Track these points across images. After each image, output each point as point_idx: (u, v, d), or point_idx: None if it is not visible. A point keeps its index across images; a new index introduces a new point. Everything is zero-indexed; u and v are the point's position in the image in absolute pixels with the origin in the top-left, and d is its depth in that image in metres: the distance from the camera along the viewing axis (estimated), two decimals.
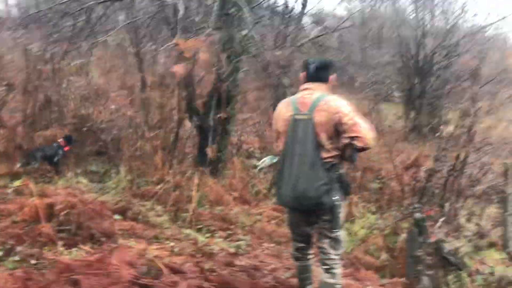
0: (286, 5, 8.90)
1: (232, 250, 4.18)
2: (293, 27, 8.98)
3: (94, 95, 9.29)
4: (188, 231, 4.61)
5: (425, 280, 4.98)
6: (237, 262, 3.71)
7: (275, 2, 8.94)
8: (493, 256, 6.05)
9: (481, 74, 14.14)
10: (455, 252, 5.63)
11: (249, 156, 11.56)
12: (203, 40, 5.53)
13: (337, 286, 2.96)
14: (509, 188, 6.27)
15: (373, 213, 7.34)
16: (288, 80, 10.43)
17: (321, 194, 2.82)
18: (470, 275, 5.44)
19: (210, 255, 3.75)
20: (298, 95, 3.04)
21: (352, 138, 2.83)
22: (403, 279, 4.55)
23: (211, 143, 7.55)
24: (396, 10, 14.96)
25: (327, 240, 2.99)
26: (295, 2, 10.34)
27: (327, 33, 9.34)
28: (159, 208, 5.38)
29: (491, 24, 16.26)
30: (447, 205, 6.10)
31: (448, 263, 5.31)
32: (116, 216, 4.49)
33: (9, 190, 4.99)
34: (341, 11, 12.80)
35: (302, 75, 3.11)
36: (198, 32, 6.46)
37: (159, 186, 6.00)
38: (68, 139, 7.16)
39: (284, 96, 10.64)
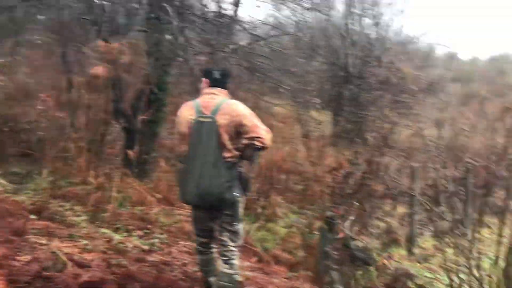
0: (218, 13, 9.04)
1: (146, 247, 4.32)
2: (224, 34, 9.14)
3: (20, 94, 9.06)
4: (105, 230, 4.69)
5: (334, 274, 5.36)
6: (149, 258, 3.87)
7: (206, 11, 9.01)
8: (400, 253, 6.55)
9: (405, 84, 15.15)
10: (365, 248, 6.08)
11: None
12: (126, 43, 5.57)
13: (235, 276, 3.19)
14: (415, 189, 6.83)
15: (295, 213, 7.70)
16: None
17: (223, 191, 3.09)
18: (377, 269, 5.88)
19: (121, 252, 3.88)
20: (201, 99, 3.30)
21: (252, 138, 3.14)
22: (308, 273, 4.85)
23: (137, 145, 7.63)
24: (326, 20, 15.61)
25: (227, 233, 3.24)
26: (226, 10, 10.45)
27: (257, 40, 9.61)
28: (78, 208, 5.41)
29: (416, 38, 17.41)
30: (359, 204, 6.53)
31: (355, 258, 5.73)
32: (32, 216, 4.50)
33: None
34: (274, 20, 13.15)
35: (204, 81, 3.36)
36: (123, 34, 6.49)
37: (80, 187, 6.02)
38: None
39: None
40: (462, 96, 17.48)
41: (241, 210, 3.32)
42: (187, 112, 3.25)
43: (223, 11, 9.41)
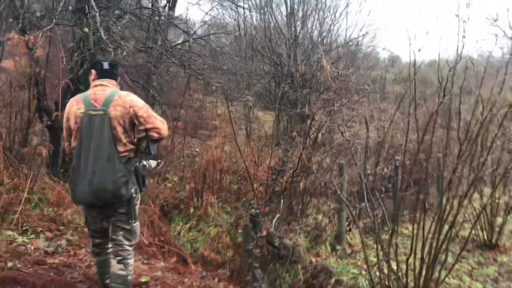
0: (153, 10, 8.83)
1: (50, 249, 4.09)
2: (160, 32, 8.94)
3: None
4: (10, 232, 4.41)
5: (257, 272, 5.31)
6: (50, 261, 3.66)
7: (138, 7, 8.79)
8: (328, 250, 6.60)
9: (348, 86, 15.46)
10: (292, 246, 6.08)
11: None
12: (39, 36, 5.29)
13: (128, 277, 3.05)
14: (343, 185, 6.90)
15: (227, 213, 7.61)
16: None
17: (119, 186, 2.95)
18: (304, 267, 5.89)
19: (20, 255, 3.64)
20: (89, 92, 3.12)
21: (148, 129, 3.03)
22: (226, 271, 4.78)
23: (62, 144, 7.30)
24: (268, 21, 15.67)
25: (121, 232, 3.09)
26: (163, 8, 10.24)
27: (194, 39, 9.48)
28: None
29: (355, 39, 17.76)
30: (286, 202, 6.54)
31: (281, 256, 5.72)
32: None
33: None
34: (211, 19, 13.04)
35: (93, 72, 3.18)
36: (40, 27, 6.17)
37: None
38: None
39: (153, 97, 10.66)
40: (397, 96, 18.02)
41: (137, 207, 3.16)
42: (75, 106, 3.08)
43: (157, 9, 9.25)
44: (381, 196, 7.21)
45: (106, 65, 3.18)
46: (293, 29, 16.30)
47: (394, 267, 5.14)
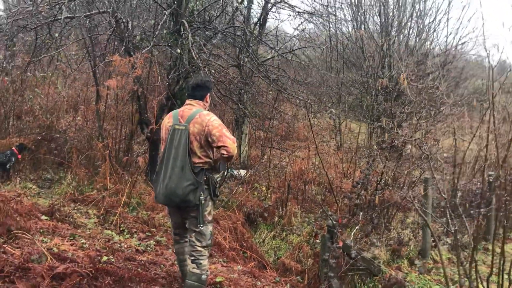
0: (244, 29, 9.34)
1: (141, 248, 4.59)
2: (251, 48, 9.42)
3: (57, 106, 9.74)
4: (109, 231, 5.01)
5: (334, 282, 5.41)
6: (139, 258, 4.12)
7: (230, 26, 9.35)
8: (409, 264, 6.47)
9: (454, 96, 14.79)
10: (372, 259, 6.07)
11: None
12: (139, 57, 5.94)
13: (203, 276, 3.37)
14: (428, 200, 6.73)
15: (309, 223, 7.76)
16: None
17: (187, 193, 3.32)
18: (383, 280, 5.85)
19: (114, 251, 4.15)
20: (180, 109, 3.61)
21: (219, 147, 3.38)
22: (298, 278, 4.94)
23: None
24: (361, 30, 15.57)
25: (193, 234, 3.47)
26: (254, 25, 10.75)
27: (281, 55, 9.82)
28: (92, 211, 5.78)
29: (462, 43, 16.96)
30: (366, 214, 6.54)
31: (357, 267, 5.74)
32: (43, 217, 4.88)
33: None
34: (301, 33, 13.26)
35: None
36: (143, 48, 6.88)
37: (98, 193, 6.42)
38: (20, 147, 7.53)
39: (244, 111, 11.18)
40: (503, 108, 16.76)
41: (207, 213, 3.49)
42: (167, 120, 3.58)
43: (248, 28, 9.75)
44: (470, 212, 6.94)
45: (190, 88, 3.66)
46: (386, 37, 16.05)
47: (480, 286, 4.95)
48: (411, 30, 17.87)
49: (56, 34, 8.21)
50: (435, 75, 9.17)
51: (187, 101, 3.62)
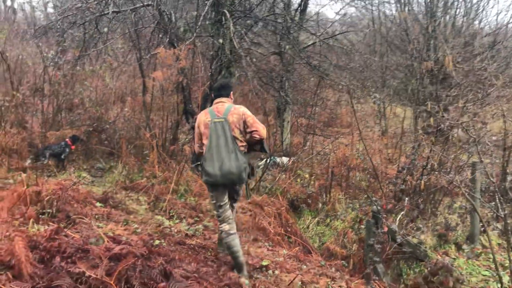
0: (284, 16, 9.36)
1: (190, 232, 4.77)
2: (292, 35, 9.44)
3: (105, 98, 10.14)
4: (159, 217, 5.23)
5: (379, 266, 5.43)
6: (188, 242, 4.30)
7: (271, 13, 9.37)
8: (457, 249, 6.38)
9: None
10: (418, 244, 6.03)
11: (256, 155, 12.18)
12: (183, 49, 6.10)
13: (234, 239, 3.93)
14: (477, 185, 6.59)
15: (354, 209, 7.76)
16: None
17: (241, 171, 3.93)
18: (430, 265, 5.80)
19: (165, 235, 4.35)
20: (213, 107, 4.16)
21: (252, 131, 4.03)
22: (342, 261, 4.99)
23: None
24: (404, 13, 15.18)
25: (235, 202, 4.24)
26: (294, 11, 10.72)
27: (323, 40, 9.77)
28: (143, 198, 6.04)
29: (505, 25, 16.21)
30: (412, 200, 6.48)
31: (405, 253, 5.72)
32: (98, 204, 5.16)
33: (11, 181, 5.76)
34: (344, 17, 13.06)
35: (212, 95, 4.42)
36: (192, 41, 7.03)
37: (148, 180, 6.68)
38: (74, 139, 7.91)
39: (286, 98, 11.22)
40: None
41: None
42: (204, 117, 4.13)
43: (289, 14, 9.75)
44: None
45: (217, 89, 4.29)
46: (431, 18, 15.56)
47: None
48: (458, 9, 17.24)
49: (105, 29, 8.54)
50: (483, 56, 8.85)
51: (217, 100, 4.20)
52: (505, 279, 5.41)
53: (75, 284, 2.80)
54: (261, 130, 4.03)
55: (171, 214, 5.45)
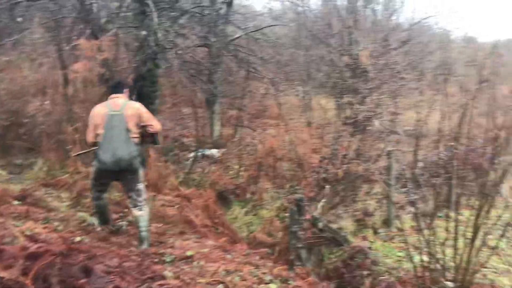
0: (211, 7, 9.37)
1: (114, 229, 4.74)
2: (219, 27, 9.47)
3: (24, 91, 9.61)
4: (82, 214, 5.13)
5: (302, 252, 5.68)
6: (113, 238, 4.28)
7: (197, 5, 9.35)
8: (373, 234, 6.81)
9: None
10: (338, 229, 6.37)
11: (185, 148, 12.14)
12: (104, 40, 5.96)
13: (145, 217, 4.55)
14: (391, 171, 7.05)
15: (279, 198, 8.01)
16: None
17: (132, 158, 4.46)
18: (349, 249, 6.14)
19: (88, 232, 4.29)
20: (110, 101, 4.65)
21: (147, 125, 4.62)
22: (267, 249, 5.19)
23: None
24: (327, 6, 15.72)
25: (133, 191, 4.57)
26: (222, 3, 10.75)
27: (248, 33, 9.90)
28: (65, 195, 5.87)
29: (425, 18, 17.31)
30: (334, 188, 6.82)
31: (327, 239, 6.02)
32: (15, 202, 4.96)
33: None
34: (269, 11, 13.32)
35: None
36: (110, 31, 6.88)
37: (70, 176, 6.48)
38: None
39: (215, 90, 11.24)
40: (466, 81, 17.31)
41: (141, 176, 4.64)
42: (100, 109, 4.60)
43: (215, 6, 9.78)
44: (432, 182, 7.29)
45: (112, 87, 4.90)
46: (353, 14, 16.22)
47: (440, 252, 5.28)
48: (378, 5, 18.13)
49: (18, 19, 8.11)
50: (398, 51, 9.43)
51: (113, 95, 4.70)
52: (416, 258, 5.87)
53: None
54: (156, 124, 4.70)
55: (93, 211, 5.34)
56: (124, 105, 4.55)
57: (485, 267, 5.93)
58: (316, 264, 5.86)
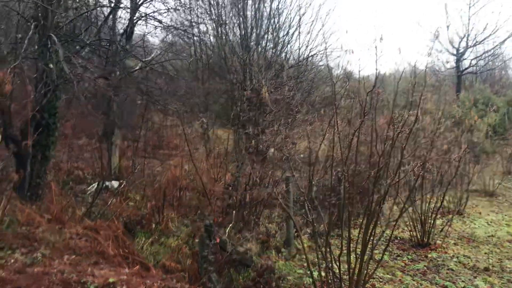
0: (110, 41, 9.50)
1: (28, 261, 4.66)
2: (116, 61, 9.60)
3: None
4: None
5: (213, 275, 6.00)
6: (29, 270, 4.24)
7: (97, 40, 9.43)
8: (276, 254, 7.36)
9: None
10: (245, 252, 6.80)
11: (80, 181, 11.81)
12: (7, 72, 5.88)
13: None
14: (290, 195, 7.70)
15: (186, 226, 8.26)
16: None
17: None
18: (255, 269, 6.59)
19: (2, 266, 4.20)
20: None
21: None
22: (182, 273, 5.45)
23: (28, 169, 7.81)
24: (223, 41, 16.53)
25: None
26: (120, 36, 10.91)
27: (149, 65, 10.16)
28: None
29: (311, 56, 18.88)
30: (239, 213, 7.28)
31: (235, 261, 6.43)
32: None
33: None
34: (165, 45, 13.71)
35: None
36: (10, 63, 6.74)
37: None
38: None
39: (114, 121, 11.22)
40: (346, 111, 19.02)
41: None
42: None
43: (114, 40, 9.93)
44: (325, 204, 8.08)
45: None
46: (245, 50, 17.22)
47: (335, 267, 5.95)
48: (267, 42, 19.43)
49: None
50: (290, 86, 10.35)
51: None
52: (315, 273, 6.49)
53: None
54: None
55: (1, 246, 5.17)
56: None
57: (373, 278, 6.79)
58: (226, 286, 6.21)
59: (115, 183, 10.76)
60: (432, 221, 8.65)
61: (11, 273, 3.97)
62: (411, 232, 8.97)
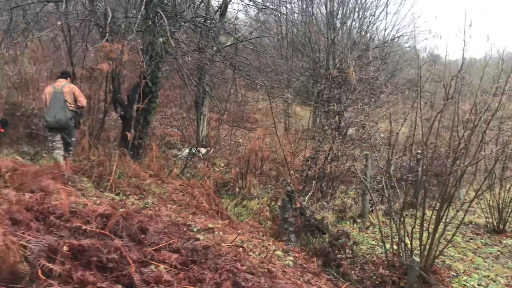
0: (206, 17, 10.23)
1: (141, 205, 5.53)
2: (210, 36, 10.34)
3: (25, 84, 10.22)
4: (108, 193, 5.89)
5: (292, 236, 6.62)
6: (144, 211, 5.08)
7: (196, 16, 10.21)
8: (351, 225, 7.82)
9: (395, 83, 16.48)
10: (321, 220, 7.34)
11: (171, 146, 12.93)
12: (125, 44, 6.76)
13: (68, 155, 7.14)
14: (367, 172, 8.08)
15: (267, 192, 8.95)
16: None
17: (67, 119, 6.99)
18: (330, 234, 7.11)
19: (123, 206, 5.07)
20: (56, 83, 7.15)
21: (77, 100, 7.11)
22: (268, 231, 6.10)
23: (132, 131, 8.83)
24: (309, 19, 16.83)
25: (67, 142, 7.11)
26: (215, 13, 11.64)
27: (241, 41, 10.82)
28: (84, 179, 6.60)
29: (397, 37, 18.68)
30: (317, 184, 7.79)
31: (311, 225, 6.99)
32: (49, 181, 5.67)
33: None
34: (256, 22, 14.29)
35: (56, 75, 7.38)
36: (123, 36, 7.65)
37: (84, 163, 7.21)
38: (2, 122, 8.09)
39: (204, 94, 12.07)
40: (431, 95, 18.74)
41: (75, 133, 7.30)
42: (48, 89, 7.13)
43: (210, 17, 10.67)
44: (402, 183, 8.38)
45: (60, 74, 7.46)
46: (331, 29, 17.40)
47: (407, 241, 6.30)
48: (353, 22, 19.42)
49: (30, 22, 8.74)
50: (375, 66, 10.55)
51: (59, 80, 7.21)
52: (387, 245, 6.89)
53: (74, 235, 3.52)
54: (83, 100, 7.16)
55: (117, 192, 6.12)
56: (63, 86, 7.00)
57: (444, 255, 7.06)
58: (302, 247, 6.81)
59: (203, 150, 11.69)
60: (510, 209, 8.63)
61: (131, 212, 4.80)
62: (487, 219, 9.00)
